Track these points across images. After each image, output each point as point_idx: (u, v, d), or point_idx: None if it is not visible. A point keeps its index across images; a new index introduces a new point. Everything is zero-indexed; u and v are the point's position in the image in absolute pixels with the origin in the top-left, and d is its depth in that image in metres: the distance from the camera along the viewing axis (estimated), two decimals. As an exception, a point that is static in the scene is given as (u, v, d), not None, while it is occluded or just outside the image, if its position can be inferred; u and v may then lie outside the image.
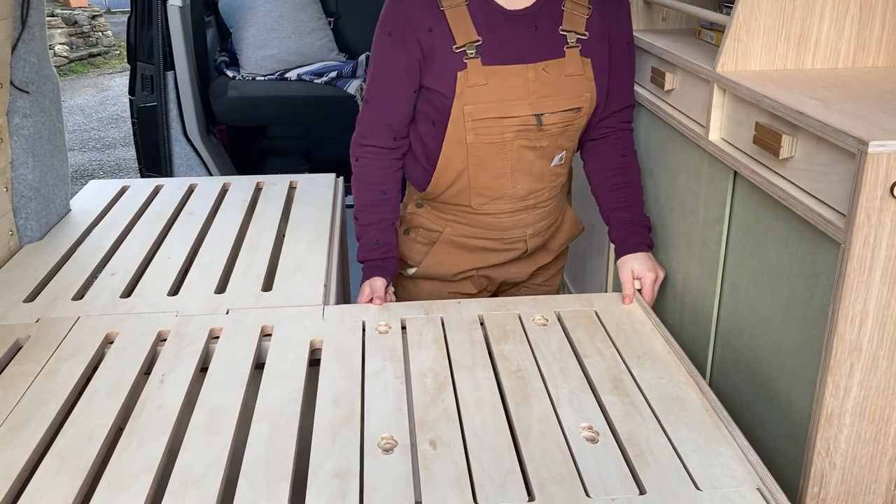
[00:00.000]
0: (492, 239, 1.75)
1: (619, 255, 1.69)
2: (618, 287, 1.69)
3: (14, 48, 1.83)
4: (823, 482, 1.20)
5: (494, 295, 1.91)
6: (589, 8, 1.61)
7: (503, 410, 1.26)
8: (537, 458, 1.14)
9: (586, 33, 1.60)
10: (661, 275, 1.68)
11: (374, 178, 1.69)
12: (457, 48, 1.55)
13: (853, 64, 1.45)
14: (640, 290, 1.66)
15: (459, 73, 1.54)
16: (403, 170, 1.74)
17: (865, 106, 1.20)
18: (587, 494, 1.08)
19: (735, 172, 1.41)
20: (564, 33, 1.59)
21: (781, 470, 1.28)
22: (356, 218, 1.71)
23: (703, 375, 1.56)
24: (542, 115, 1.58)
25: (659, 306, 1.78)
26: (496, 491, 1.08)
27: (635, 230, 1.69)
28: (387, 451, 1.16)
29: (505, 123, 1.58)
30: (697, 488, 1.09)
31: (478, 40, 1.55)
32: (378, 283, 1.64)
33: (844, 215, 1.10)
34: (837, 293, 1.11)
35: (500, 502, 1.06)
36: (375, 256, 1.69)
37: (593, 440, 1.19)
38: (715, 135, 1.48)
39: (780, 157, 1.24)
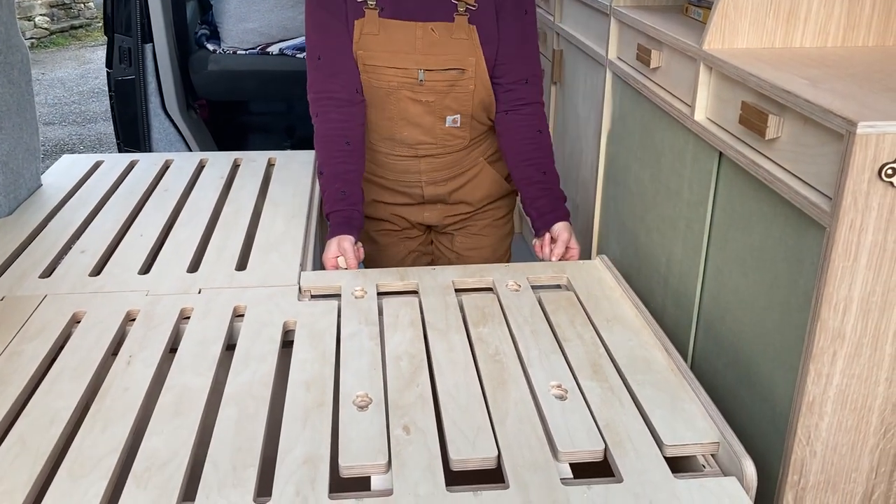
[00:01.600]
0: (389, 179, 1.89)
1: (544, 224, 1.73)
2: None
3: (-20, 16, 1.77)
4: (804, 470, 1.18)
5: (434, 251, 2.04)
6: None
7: (475, 370, 1.28)
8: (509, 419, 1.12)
9: (475, 4, 1.69)
10: (577, 249, 1.74)
11: (336, 128, 1.73)
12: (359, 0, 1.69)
13: (843, 43, 1.42)
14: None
15: (356, 21, 1.70)
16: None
17: (855, 86, 1.16)
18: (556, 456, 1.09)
19: (720, 153, 1.38)
20: (455, 2, 1.68)
21: (762, 457, 1.26)
22: (320, 173, 1.74)
23: (685, 358, 1.54)
24: (423, 70, 1.70)
25: (642, 288, 1.75)
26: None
27: (558, 203, 1.75)
28: (361, 408, 1.17)
29: (390, 73, 1.71)
30: (662, 446, 1.11)
31: None
32: (346, 243, 1.65)
33: (830, 198, 1.07)
34: (822, 278, 1.08)
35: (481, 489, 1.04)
36: (341, 207, 1.70)
37: (562, 398, 1.20)
38: (700, 114, 1.44)
39: (767, 138, 1.21)
